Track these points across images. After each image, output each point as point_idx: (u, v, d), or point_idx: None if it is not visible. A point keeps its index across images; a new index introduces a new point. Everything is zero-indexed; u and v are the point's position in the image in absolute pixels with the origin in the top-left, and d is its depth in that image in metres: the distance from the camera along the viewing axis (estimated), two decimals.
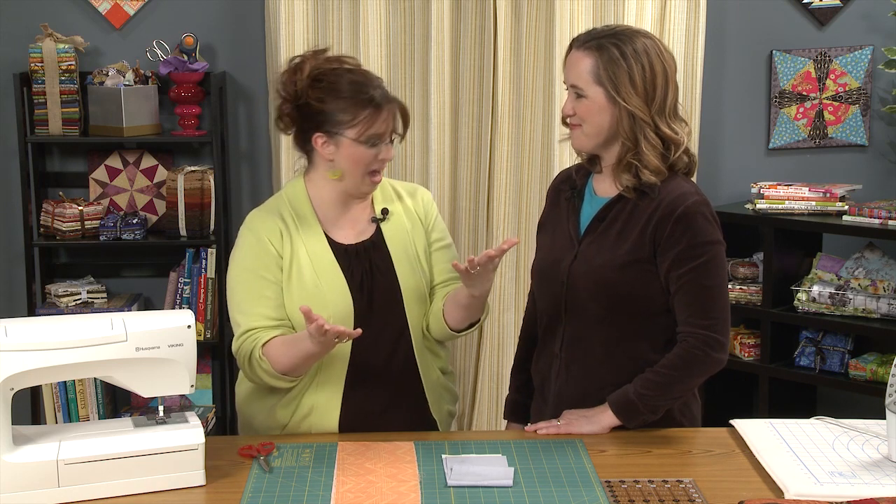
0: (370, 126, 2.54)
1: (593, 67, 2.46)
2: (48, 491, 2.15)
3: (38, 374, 2.19)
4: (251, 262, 2.59)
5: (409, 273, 2.64)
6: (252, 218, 2.66)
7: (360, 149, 2.55)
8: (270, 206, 2.68)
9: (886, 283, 4.01)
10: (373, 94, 2.55)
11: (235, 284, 2.61)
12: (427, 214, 2.74)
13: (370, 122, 2.54)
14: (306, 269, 2.58)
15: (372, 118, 2.54)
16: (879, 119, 4.45)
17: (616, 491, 2.19)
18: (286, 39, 4.17)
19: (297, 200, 2.65)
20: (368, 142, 2.55)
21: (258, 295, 2.57)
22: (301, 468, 2.31)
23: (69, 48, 4.19)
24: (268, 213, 2.65)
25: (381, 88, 2.58)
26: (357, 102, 2.54)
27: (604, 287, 2.49)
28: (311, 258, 2.59)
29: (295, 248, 2.59)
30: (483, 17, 4.20)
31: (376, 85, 2.58)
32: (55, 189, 4.40)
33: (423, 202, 2.74)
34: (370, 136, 2.55)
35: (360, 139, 2.54)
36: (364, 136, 2.54)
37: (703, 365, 2.47)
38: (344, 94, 2.55)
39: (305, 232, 2.61)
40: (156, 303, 4.49)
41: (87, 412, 4.25)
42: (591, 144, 2.54)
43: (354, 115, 2.54)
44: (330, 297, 2.57)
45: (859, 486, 2.20)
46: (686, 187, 2.50)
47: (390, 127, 2.59)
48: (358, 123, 2.54)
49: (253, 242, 2.60)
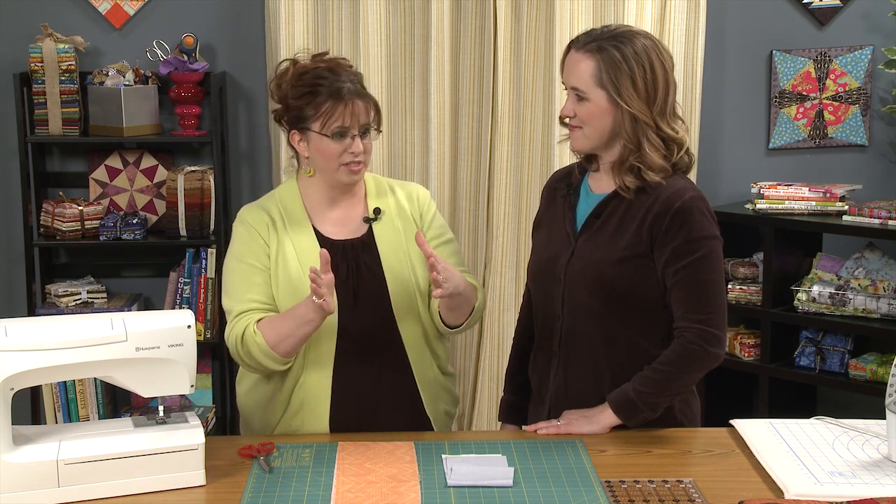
0: (331, 118, 2.55)
1: (595, 70, 2.46)
2: (48, 491, 2.16)
3: (38, 374, 2.19)
4: (240, 251, 2.65)
5: (398, 272, 2.64)
6: (241, 212, 2.73)
7: (326, 142, 2.57)
8: (260, 201, 2.74)
9: (886, 283, 4.01)
10: (334, 87, 2.55)
11: (227, 274, 2.68)
12: (423, 213, 2.74)
13: (330, 114, 2.55)
14: (291, 261, 2.61)
15: (333, 109, 2.55)
16: (879, 119, 4.45)
17: (616, 491, 2.19)
18: (286, 39, 4.17)
19: (288, 197, 2.69)
20: (333, 135, 2.56)
21: (248, 282, 2.62)
22: (301, 468, 2.31)
23: (69, 48, 4.19)
24: (257, 207, 2.71)
25: (349, 83, 2.58)
26: (318, 95, 2.56)
27: (601, 283, 2.49)
28: (297, 251, 2.62)
29: (281, 240, 2.63)
30: (483, 17, 4.20)
31: (344, 79, 2.58)
32: (55, 189, 4.40)
33: (418, 200, 2.75)
34: (334, 128, 2.56)
35: (323, 132, 2.56)
36: (327, 129, 2.56)
37: (701, 360, 2.47)
38: (311, 88, 2.58)
39: (293, 226, 2.65)
40: (156, 303, 4.49)
41: (87, 412, 4.25)
42: (591, 146, 2.54)
43: (317, 109, 2.56)
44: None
45: (859, 486, 2.20)
46: (683, 183, 2.51)
47: (357, 121, 2.57)
48: (321, 115, 2.56)
49: (242, 233, 2.67)
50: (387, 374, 2.64)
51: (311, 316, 2.48)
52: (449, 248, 2.74)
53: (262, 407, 2.67)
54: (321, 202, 2.68)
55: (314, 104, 2.56)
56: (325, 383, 2.61)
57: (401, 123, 4.27)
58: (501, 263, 4.30)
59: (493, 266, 4.31)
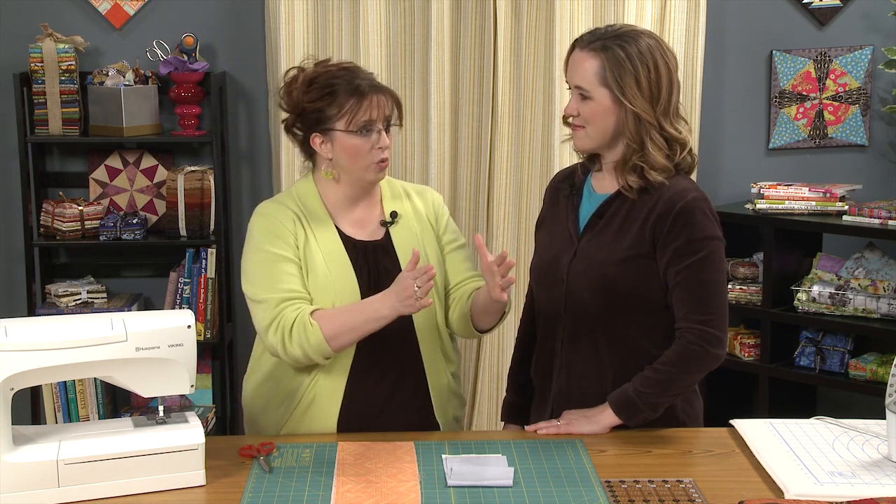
0: (356, 113, 2.55)
1: (599, 69, 2.46)
2: (48, 491, 2.16)
3: (38, 374, 2.19)
4: (268, 244, 2.59)
5: None
6: (263, 206, 2.69)
7: (353, 139, 2.56)
8: (280, 198, 2.71)
9: (886, 283, 4.01)
10: (356, 83, 2.57)
11: (254, 267, 2.60)
12: (438, 217, 2.75)
13: (356, 110, 2.55)
14: (317, 258, 2.60)
15: (357, 105, 2.55)
16: (879, 119, 4.45)
17: (616, 491, 2.19)
18: (286, 39, 4.17)
19: (307, 196, 2.66)
20: (360, 130, 2.56)
21: (281, 271, 2.56)
22: (301, 468, 2.31)
23: (69, 48, 4.19)
24: (278, 203, 2.67)
25: (367, 79, 2.59)
26: (341, 93, 2.56)
27: (604, 283, 2.49)
28: (322, 248, 2.60)
29: (308, 235, 2.61)
30: (483, 17, 4.20)
31: (363, 77, 2.60)
32: (55, 189, 4.40)
33: (433, 204, 2.76)
34: (360, 123, 2.56)
35: (349, 129, 2.56)
36: (353, 125, 2.56)
37: (701, 361, 2.47)
38: (329, 89, 2.58)
39: (316, 223, 2.63)
40: (156, 303, 4.49)
41: (87, 412, 4.25)
42: (593, 145, 2.54)
43: (341, 107, 2.56)
44: (339, 289, 2.58)
45: (859, 486, 2.20)
46: (685, 184, 2.51)
47: (382, 114, 2.58)
48: (345, 113, 2.56)
49: (268, 225, 2.61)
50: (400, 378, 2.63)
51: (386, 312, 2.46)
52: (462, 252, 2.75)
53: (271, 405, 2.65)
54: (341, 203, 2.66)
55: (336, 103, 2.56)
56: (339, 384, 2.59)
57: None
58: None
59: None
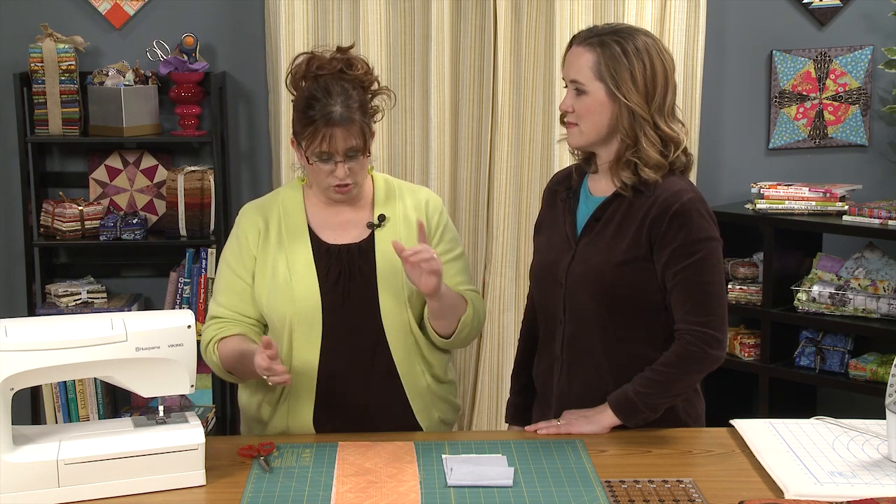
0: (312, 142, 2.50)
1: (594, 63, 2.46)
2: (48, 491, 2.15)
3: (38, 374, 2.19)
4: (229, 256, 2.68)
5: (392, 280, 2.59)
6: (242, 211, 2.73)
7: (314, 161, 2.54)
8: (262, 201, 2.73)
9: (886, 283, 4.01)
10: (324, 111, 2.48)
11: (217, 272, 2.73)
12: (431, 222, 2.68)
13: (312, 139, 2.50)
14: (280, 264, 2.61)
15: (314, 136, 2.49)
16: (879, 119, 4.45)
17: (616, 491, 2.19)
18: (286, 39, 4.17)
19: (290, 200, 2.67)
20: (318, 157, 2.53)
21: (228, 287, 2.65)
22: (301, 468, 2.31)
23: (69, 48, 4.19)
24: (255, 208, 2.70)
25: (339, 105, 2.48)
26: (303, 117, 2.52)
27: (602, 286, 2.49)
28: (288, 254, 2.61)
29: (272, 244, 2.63)
30: (483, 17, 4.20)
31: (334, 101, 2.49)
32: (55, 189, 4.40)
33: (427, 209, 2.69)
34: (315, 153, 2.52)
35: (307, 153, 2.54)
36: (309, 151, 2.53)
37: (701, 362, 2.47)
38: (298, 104, 2.55)
39: (290, 231, 2.64)
40: (156, 303, 4.49)
41: (87, 412, 4.25)
42: (587, 142, 2.53)
43: (303, 129, 2.53)
44: (298, 292, 2.57)
45: (859, 486, 2.20)
46: (681, 185, 2.50)
47: (341, 147, 2.50)
48: (306, 137, 2.52)
49: (237, 234, 2.69)
50: (374, 377, 2.61)
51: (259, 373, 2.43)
52: (457, 264, 2.69)
53: (256, 405, 2.68)
54: (320, 207, 2.66)
55: (303, 122, 2.52)
56: (309, 383, 2.59)
57: (401, 123, 4.27)
58: (501, 264, 4.30)
59: (493, 266, 4.31)
